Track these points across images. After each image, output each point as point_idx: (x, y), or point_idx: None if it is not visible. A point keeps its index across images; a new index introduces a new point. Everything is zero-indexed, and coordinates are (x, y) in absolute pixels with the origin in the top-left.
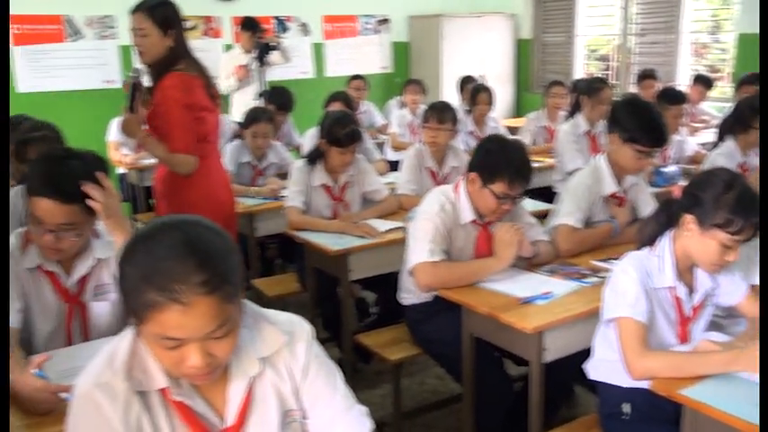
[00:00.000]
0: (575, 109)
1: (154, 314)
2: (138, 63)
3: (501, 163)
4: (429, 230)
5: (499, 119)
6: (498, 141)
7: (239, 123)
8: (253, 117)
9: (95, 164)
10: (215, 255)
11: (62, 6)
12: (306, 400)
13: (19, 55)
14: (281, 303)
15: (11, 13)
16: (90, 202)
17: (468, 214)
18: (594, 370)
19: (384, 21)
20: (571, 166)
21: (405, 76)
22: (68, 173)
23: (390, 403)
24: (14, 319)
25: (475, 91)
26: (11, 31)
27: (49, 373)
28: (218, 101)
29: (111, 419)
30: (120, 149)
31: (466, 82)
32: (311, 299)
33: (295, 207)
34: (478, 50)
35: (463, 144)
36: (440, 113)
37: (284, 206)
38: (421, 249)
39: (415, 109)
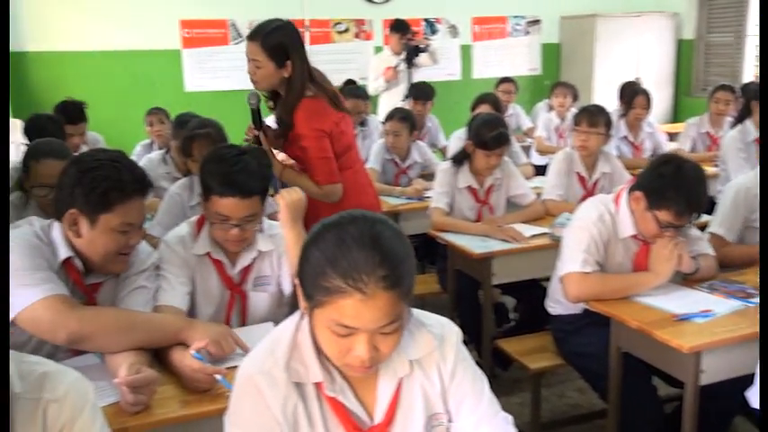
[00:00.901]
0: (743, 115)
1: (334, 299)
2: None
3: (672, 191)
4: (584, 240)
5: (655, 124)
6: (674, 165)
7: (384, 123)
8: (387, 115)
9: (263, 158)
10: (397, 254)
11: (228, 11)
12: (452, 404)
13: (187, 57)
14: (419, 303)
15: (181, 18)
16: (277, 198)
17: (628, 228)
18: (757, 398)
19: (535, 22)
20: (737, 175)
21: (554, 78)
22: (245, 170)
23: (527, 413)
24: (182, 301)
25: (632, 94)
26: (180, 36)
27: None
28: (342, 104)
29: (271, 405)
30: None
31: (627, 87)
32: (451, 300)
33: (439, 208)
34: (634, 52)
35: (615, 150)
36: (592, 116)
37: (429, 207)
38: (573, 259)
39: (562, 112)
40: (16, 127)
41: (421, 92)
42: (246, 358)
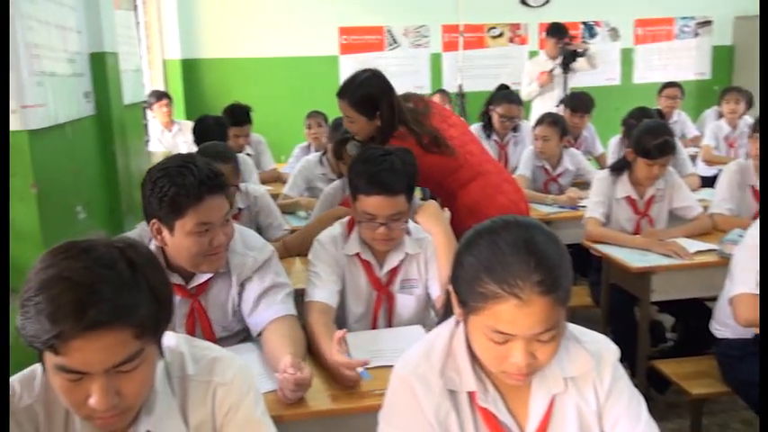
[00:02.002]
0: None
1: (490, 305)
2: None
3: None
4: (758, 259)
5: None
6: None
7: None
8: (538, 120)
9: (408, 157)
10: (552, 258)
11: (384, 18)
12: (607, 425)
13: (344, 62)
14: (569, 316)
15: (340, 25)
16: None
17: None
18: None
19: (705, 23)
20: None
21: (724, 83)
22: (390, 169)
23: None
24: (333, 298)
25: None
26: (338, 42)
27: (356, 352)
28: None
29: (425, 409)
30: None
31: None
32: (603, 315)
33: (595, 218)
34: None
35: None
36: None
37: (583, 216)
38: (745, 279)
39: (734, 120)
40: (189, 128)
41: (580, 103)
42: (401, 359)
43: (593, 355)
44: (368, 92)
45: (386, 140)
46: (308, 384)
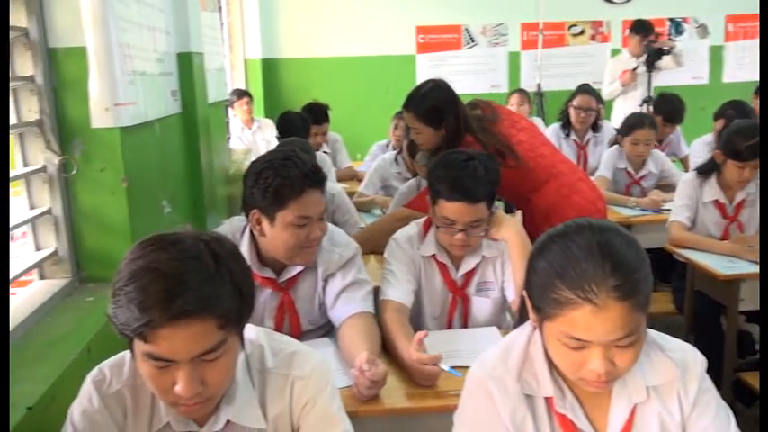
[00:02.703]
0: None
1: (564, 312)
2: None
3: None
4: None
5: None
6: None
7: (617, 130)
8: (633, 123)
9: (491, 163)
10: (629, 262)
11: (462, 17)
12: None
13: (420, 61)
14: (650, 322)
15: (417, 24)
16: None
17: None
18: None
19: None
20: None
21: None
22: (472, 175)
23: None
24: (407, 298)
25: None
26: (416, 41)
27: (431, 351)
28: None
29: (501, 412)
30: None
31: None
32: (686, 323)
33: (680, 222)
34: None
35: None
36: None
37: (667, 220)
38: None
39: None
40: (268, 126)
41: (673, 113)
42: (477, 361)
43: (677, 364)
44: (433, 104)
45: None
46: (383, 381)
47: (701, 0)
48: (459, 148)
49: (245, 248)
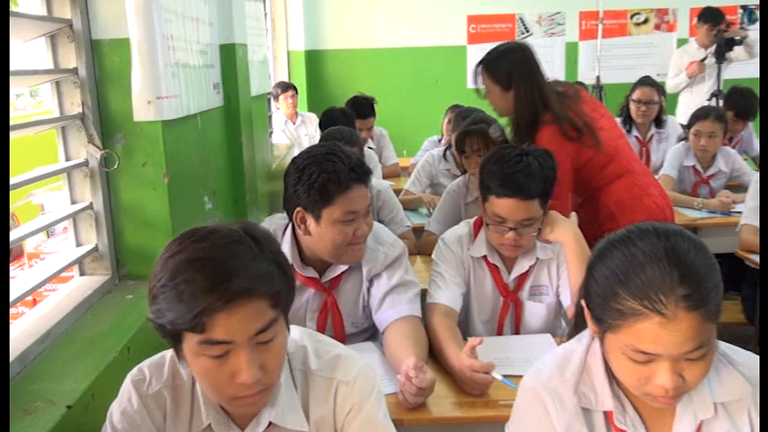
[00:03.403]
0: None
1: (630, 323)
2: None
3: None
4: None
5: None
6: None
7: (684, 126)
8: (697, 114)
9: (546, 159)
10: (698, 269)
11: (517, 5)
12: None
13: (472, 53)
14: (718, 333)
15: (469, 13)
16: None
17: None
18: None
19: None
20: None
21: None
22: (526, 171)
23: None
24: (456, 302)
25: None
26: (466, 31)
27: (481, 359)
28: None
29: (556, 425)
30: None
31: None
32: (758, 334)
33: (752, 225)
34: None
35: None
36: None
37: (738, 223)
38: None
39: None
40: (312, 120)
41: (744, 107)
42: (531, 370)
43: (748, 379)
44: (504, 63)
45: (526, 127)
46: (431, 389)
47: None
48: (536, 129)
49: (286, 247)
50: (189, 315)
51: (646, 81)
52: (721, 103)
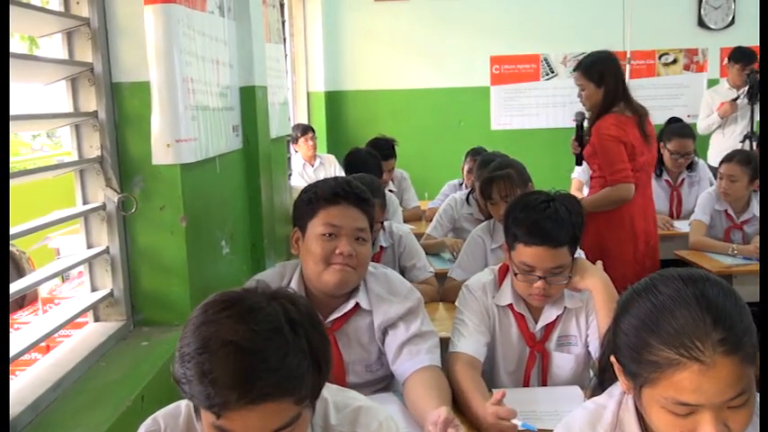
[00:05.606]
0: None
1: (667, 374)
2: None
3: None
4: None
5: None
6: None
7: (713, 168)
8: (726, 157)
9: (574, 205)
10: (730, 312)
11: (541, 46)
12: None
13: (495, 94)
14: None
15: (492, 54)
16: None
17: None
18: None
19: None
20: None
21: None
22: (554, 218)
23: None
24: (480, 351)
25: None
26: (489, 72)
27: None
28: (653, 139)
29: None
30: (581, 189)
31: None
32: (759, 334)
33: None
34: None
35: None
36: None
37: None
38: None
39: None
40: (331, 162)
41: None
42: (561, 425)
43: None
44: (598, 63)
45: (602, 110)
46: None
47: None
48: (614, 115)
49: (295, 284)
50: (208, 402)
51: (681, 133)
52: (755, 145)
